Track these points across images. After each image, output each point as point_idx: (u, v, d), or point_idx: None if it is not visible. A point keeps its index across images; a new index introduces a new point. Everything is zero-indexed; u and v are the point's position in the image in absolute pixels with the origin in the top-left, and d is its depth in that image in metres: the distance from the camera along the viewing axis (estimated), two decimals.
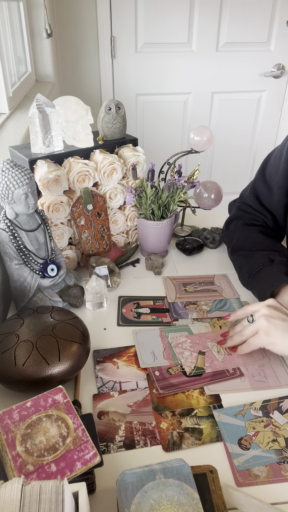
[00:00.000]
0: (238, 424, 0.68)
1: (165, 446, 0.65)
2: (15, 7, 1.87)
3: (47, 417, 0.57)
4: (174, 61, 2.44)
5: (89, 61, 2.41)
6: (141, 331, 0.87)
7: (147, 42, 2.38)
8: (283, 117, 2.69)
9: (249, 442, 0.66)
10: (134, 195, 1.02)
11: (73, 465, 0.52)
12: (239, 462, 0.63)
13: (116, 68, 2.44)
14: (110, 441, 0.66)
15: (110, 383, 0.76)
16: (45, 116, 0.91)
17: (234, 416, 0.70)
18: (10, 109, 1.59)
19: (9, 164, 0.80)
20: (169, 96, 2.54)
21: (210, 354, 0.81)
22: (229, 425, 0.68)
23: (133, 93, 2.51)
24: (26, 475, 0.51)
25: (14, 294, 0.90)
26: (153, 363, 0.79)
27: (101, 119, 1.03)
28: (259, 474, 0.61)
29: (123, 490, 0.51)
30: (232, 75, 2.52)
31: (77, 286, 0.94)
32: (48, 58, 2.14)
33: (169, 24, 2.34)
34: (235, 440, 0.66)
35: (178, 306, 0.95)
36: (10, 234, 0.84)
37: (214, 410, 0.71)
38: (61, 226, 1.00)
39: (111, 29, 2.33)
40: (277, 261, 0.90)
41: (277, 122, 2.72)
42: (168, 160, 1.17)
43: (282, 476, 0.61)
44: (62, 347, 0.71)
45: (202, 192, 1.18)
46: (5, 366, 0.69)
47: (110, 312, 0.94)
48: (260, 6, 2.33)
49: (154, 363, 0.79)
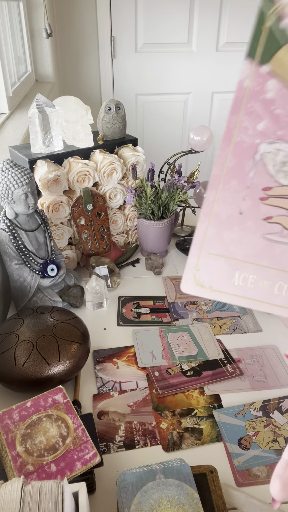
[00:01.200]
0: (238, 424, 0.68)
1: (165, 446, 0.65)
2: (15, 7, 1.87)
3: (47, 417, 0.57)
4: (174, 61, 2.44)
5: (89, 61, 2.41)
6: (141, 331, 0.87)
7: (147, 42, 2.38)
8: None
9: (249, 442, 0.66)
10: (134, 195, 1.02)
11: (73, 465, 0.52)
12: (239, 462, 0.63)
13: (116, 68, 2.44)
14: (110, 441, 0.66)
15: (110, 383, 0.76)
16: (45, 116, 0.91)
17: (234, 416, 0.70)
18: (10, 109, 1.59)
19: (9, 164, 0.80)
20: (169, 96, 2.54)
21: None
22: (229, 425, 0.68)
23: (133, 93, 2.51)
24: (26, 475, 0.51)
25: (14, 294, 0.90)
26: (152, 363, 0.79)
27: (101, 119, 1.03)
28: (259, 474, 0.61)
29: (123, 490, 0.51)
30: (232, 75, 2.52)
31: (77, 286, 0.94)
32: (48, 58, 2.14)
33: (169, 24, 2.34)
34: (235, 440, 0.66)
35: (178, 306, 0.95)
36: (10, 234, 0.83)
37: (214, 410, 0.71)
38: (61, 226, 1.00)
39: (111, 29, 2.33)
40: None
41: None
42: (168, 160, 1.17)
43: None
44: (62, 347, 0.71)
45: (202, 192, 1.18)
46: (5, 366, 0.69)
47: (110, 312, 0.94)
48: None
49: (153, 362, 0.79)
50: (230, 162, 0.27)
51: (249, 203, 0.28)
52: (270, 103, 0.26)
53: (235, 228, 0.29)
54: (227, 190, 0.28)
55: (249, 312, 0.93)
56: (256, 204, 0.28)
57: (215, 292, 0.31)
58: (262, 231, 0.28)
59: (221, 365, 0.79)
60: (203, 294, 0.31)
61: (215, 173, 0.28)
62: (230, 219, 0.29)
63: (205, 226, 0.30)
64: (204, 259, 0.30)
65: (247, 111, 0.26)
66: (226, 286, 0.30)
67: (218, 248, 0.30)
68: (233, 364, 0.79)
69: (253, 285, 0.29)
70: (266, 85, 0.26)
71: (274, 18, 0.25)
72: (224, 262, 0.30)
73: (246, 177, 0.28)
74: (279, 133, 0.26)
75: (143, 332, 0.87)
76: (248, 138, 0.27)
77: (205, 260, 0.30)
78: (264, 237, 0.28)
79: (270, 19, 0.25)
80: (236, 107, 0.27)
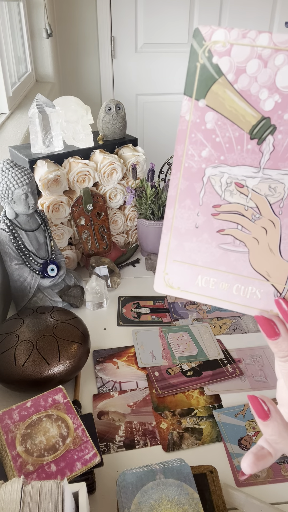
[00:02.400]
0: (238, 424, 0.68)
1: (165, 446, 0.65)
2: (15, 7, 1.87)
3: (47, 417, 0.57)
4: (174, 61, 2.44)
5: (89, 61, 2.41)
6: (141, 331, 0.87)
7: (147, 42, 2.38)
8: None
9: (249, 442, 0.66)
10: (134, 195, 1.02)
11: (73, 465, 0.52)
12: (239, 462, 0.63)
13: (116, 68, 2.44)
14: (110, 441, 0.66)
15: (110, 383, 0.76)
16: (45, 116, 0.91)
17: (234, 416, 0.70)
18: (10, 109, 1.59)
19: (9, 164, 0.80)
20: (169, 96, 2.54)
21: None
22: (229, 425, 0.68)
23: (133, 93, 2.51)
24: (26, 475, 0.51)
25: (14, 294, 0.90)
26: (152, 363, 0.79)
27: (101, 119, 1.03)
28: (259, 474, 0.61)
29: (123, 490, 0.51)
30: None
31: (77, 286, 0.94)
32: (48, 58, 2.14)
33: (169, 24, 2.34)
34: (235, 440, 0.66)
35: (178, 306, 0.95)
36: (10, 234, 0.83)
37: (214, 410, 0.71)
38: (61, 226, 1.00)
39: (111, 29, 2.33)
40: None
41: None
42: (168, 160, 1.17)
43: (282, 476, 0.61)
44: (62, 347, 0.71)
45: None
46: (5, 366, 0.69)
47: (110, 312, 0.94)
48: (260, 6, 2.34)
49: (153, 362, 0.79)
50: (182, 185, 0.31)
51: (203, 218, 0.32)
52: (211, 132, 0.29)
53: (193, 240, 0.32)
54: (182, 208, 0.32)
55: None
56: (209, 219, 0.32)
57: (183, 292, 0.34)
58: (217, 242, 0.32)
59: (221, 365, 0.79)
60: (173, 294, 0.35)
61: (170, 194, 0.32)
62: (189, 232, 0.32)
63: (167, 238, 0.33)
64: (170, 265, 0.34)
65: (191, 141, 0.29)
66: (192, 287, 0.34)
67: (181, 256, 0.33)
68: (233, 364, 0.79)
69: (214, 287, 0.33)
70: (204, 117, 0.28)
71: (206, 55, 0.27)
72: (187, 267, 0.33)
73: (197, 197, 0.31)
74: (221, 158, 0.29)
75: (143, 332, 0.87)
76: (195, 163, 0.30)
77: (171, 266, 0.34)
78: (220, 247, 0.32)
79: (203, 57, 0.27)
80: (181, 137, 0.29)
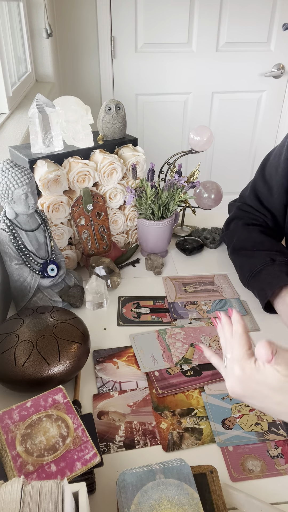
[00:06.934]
0: (224, 406, 0.71)
1: (165, 446, 0.65)
2: (15, 7, 1.87)
3: (47, 417, 0.57)
4: (174, 61, 2.44)
5: (89, 61, 2.41)
6: (138, 335, 0.86)
7: (147, 42, 2.38)
8: (283, 117, 2.69)
9: (232, 423, 0.68)
10: (134, 195, 1.02)
11: (73, 465, 0.52)
12: (220, 439, 0.66)
13: (116, 68, 2.44)
14: (110, 441, 0.66)
15: (110, 383, 0.76)
16: (45, 116, 0.91)
17: (221, 399, 0.72)
18: (10, 109, 1.59)
19: (9, 164, 0.80)
20: (169, 96, 2.54)
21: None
22: (215, 406, 0.71)
23: (133, 93, 2.51)
24: (26, 475, 0.51)
25: (14, 294, 0.90)
26: (154, 367, 0.79)
27: (101, 119, 1.03)
28: (253, 469, 0.62)
29: (123, 490, 0.51)
30: (232, 75, 2.52)
31: (77, 286, 0.94)
32: (48, 58, 2.14)
33: (169, 24, 2.34)
34: (219, 420, 0.69)
35: (178, 306, 0.95)
36: (10, 234, 0.83)
37: (202, 392, 0.73)
38: (61, 226, 1.00)
39: (111, 29, 2.33)
40: (278, 261, 0.90)
41: (277, 122, 2.72)
42: (168, 160, 1.17)
43: (276, 471, 0.62)
44: (62, 347, 0.71)
45: (202, 192, 1.18)
46: (5, 366, 0.69)
47: (110, 312, 0.94)
48: (260, 6, 2.33)
49: (155, 366, 0.79)
50: None
51: None
52: None
53: None
54: None
55: (248, 312, 0.93)
56: None
57: None
58: None
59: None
60: None
61: None
62: None
63: None
64: None
65: None
66: None
67: None
68: None
69: None
70: None
71: None
72: None
73: None
74: None
75: (141, 336, 0.86)
76: None
77: None
78: None
79: None
80: None
